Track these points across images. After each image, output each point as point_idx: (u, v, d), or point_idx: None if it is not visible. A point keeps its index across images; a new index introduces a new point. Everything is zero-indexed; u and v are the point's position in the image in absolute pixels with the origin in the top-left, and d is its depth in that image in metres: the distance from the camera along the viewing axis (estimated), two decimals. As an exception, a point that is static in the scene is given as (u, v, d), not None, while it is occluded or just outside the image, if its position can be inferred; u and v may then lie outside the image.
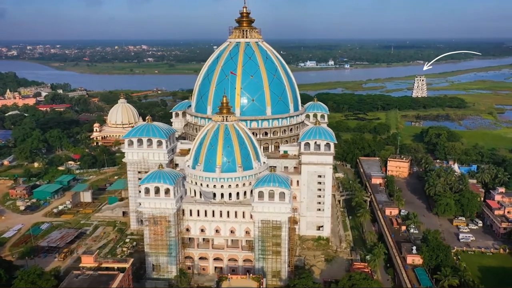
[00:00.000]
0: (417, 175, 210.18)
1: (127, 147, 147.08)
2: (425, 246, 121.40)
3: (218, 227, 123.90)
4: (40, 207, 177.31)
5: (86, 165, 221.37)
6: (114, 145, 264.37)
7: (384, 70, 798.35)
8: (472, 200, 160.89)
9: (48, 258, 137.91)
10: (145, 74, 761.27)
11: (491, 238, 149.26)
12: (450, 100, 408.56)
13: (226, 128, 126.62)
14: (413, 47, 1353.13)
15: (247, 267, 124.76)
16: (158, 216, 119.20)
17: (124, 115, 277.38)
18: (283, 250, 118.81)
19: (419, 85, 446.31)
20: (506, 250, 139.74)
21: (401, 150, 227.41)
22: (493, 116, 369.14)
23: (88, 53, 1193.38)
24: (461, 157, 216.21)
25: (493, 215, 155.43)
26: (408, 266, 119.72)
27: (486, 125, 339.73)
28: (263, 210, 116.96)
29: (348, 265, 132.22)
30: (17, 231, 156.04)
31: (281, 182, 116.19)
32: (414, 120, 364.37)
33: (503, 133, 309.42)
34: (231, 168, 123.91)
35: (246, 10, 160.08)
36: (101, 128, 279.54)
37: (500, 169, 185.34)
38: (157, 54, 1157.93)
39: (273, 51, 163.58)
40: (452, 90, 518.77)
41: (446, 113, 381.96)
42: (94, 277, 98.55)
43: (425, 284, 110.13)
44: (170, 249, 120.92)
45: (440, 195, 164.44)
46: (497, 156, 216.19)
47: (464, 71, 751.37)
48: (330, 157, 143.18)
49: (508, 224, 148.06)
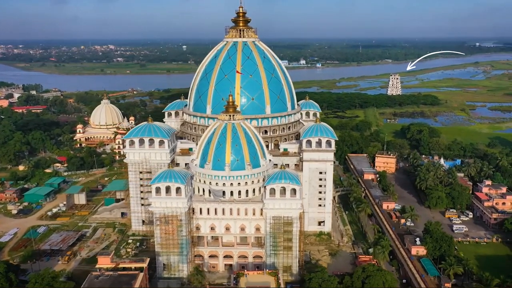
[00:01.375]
0: (403, 170, 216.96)
1: (128, 147, 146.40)
2: (429, 237, 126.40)
3: (228, 225, 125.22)
4: (33, 210, 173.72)
5: (74, 167, 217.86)
6: (98, 146, 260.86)
7: (355, 69, 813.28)
8: (462, 193, 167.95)
9: (51, 261, 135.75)
10: (117, 74, 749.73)
11: (483, 229, 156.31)
12: (424, 98, 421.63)
13: (234, 126, 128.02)
14: (380, 46, 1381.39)
15: (256, 263, 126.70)
16: (170, 216, 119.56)
17: (108, 116, 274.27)
18: (294, 245, 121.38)
19: (394, 83, 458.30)
20: (499, 239, 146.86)
21: (387, 146, 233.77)
22: (465, 112, 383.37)
23: (54, 53, 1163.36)
24: (444, 152, 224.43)
25: (483, 206, 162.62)
26: (413, 257, 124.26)
27: (460, 121, 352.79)
28: (275, 206, 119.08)
29: (352, 259, 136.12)
30: (13, 235, 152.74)
31: (292, 179, 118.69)
32: (392, 117, 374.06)
33: (477, 129, 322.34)
34: (240, 166, 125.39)
35: (242, 10, 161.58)
36: (84, 129, 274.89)
37: (484, 163, 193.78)
38: (126, 54, 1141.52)
39: (269, 50, 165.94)
40: (423, 88, 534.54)
41: (421, 110, 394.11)
42: (115, 278, 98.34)
43: (433, 274, 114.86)
44: (182, 248, 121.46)
45: (432, 189, 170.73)
46: (479, 151, 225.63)
47: (432, 69, 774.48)
48: (331, 154, 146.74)
49: (498, 215, 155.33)
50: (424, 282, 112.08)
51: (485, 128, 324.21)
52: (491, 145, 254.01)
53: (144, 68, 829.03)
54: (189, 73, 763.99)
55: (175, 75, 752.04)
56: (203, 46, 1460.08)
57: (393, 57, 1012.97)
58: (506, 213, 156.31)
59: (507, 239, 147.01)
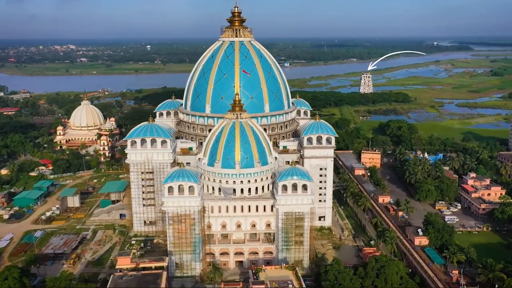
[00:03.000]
0: (388, 166, 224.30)
1: (130, 148, 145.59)
2: (431, 228, 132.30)
3: (239, 222, 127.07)
4: (25, 215, 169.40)
5: (61, 169, 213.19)
6: (80, 148, 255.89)
7: (322, 68, 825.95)
8: (451, 185, 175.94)
9: (56, 265, 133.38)
10: (83, 74, 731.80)
11: (472, 219, 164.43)
12: (395, 95, 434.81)
13: (241, 125, 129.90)
14: (343, 46, 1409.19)
15: (267, 259, 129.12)
16: (183, 215, 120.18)
17: (89, 117, 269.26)
18: (306, 239, 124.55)
19: (366, 81, 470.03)
20: (489, 228, 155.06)
21: (372, 143, 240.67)
22: (435, 109, 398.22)
23: (12, 53, 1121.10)
24: (426, 147, 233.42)
25: (470, 198, 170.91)
26: (417, 247, 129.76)
27: (432, 117, 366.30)
28: (287, 202, 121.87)
29: (356, 251, 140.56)
30: (9, 241, 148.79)
31: (303, 175, 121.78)
32: (366, 115, 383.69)
33: (449, 124, 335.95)
34: (249, 164, 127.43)
35: (237, 10, 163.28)
36: (65, 131, 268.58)
37: (467, 157, 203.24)
38: (89, 54, 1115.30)
39: (264, 49, 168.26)
40: (390, 86, 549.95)
41: (394, 107, 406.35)
42: (139, 277, 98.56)
43: (439, 262, 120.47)
44: (195, 247, 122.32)
45: (421, 182, 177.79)
46: (458, 145, 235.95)
47: (396, 68, 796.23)
48: (331, 150, 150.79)
49: (487, 205, 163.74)
50: (431, 270, 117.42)
51: (456, 124, 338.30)
52: (465, 140, 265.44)
53: (110, 69, 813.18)
54: (157, 73, 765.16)
55: (144, 75, 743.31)
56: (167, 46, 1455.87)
57: (357, 56, 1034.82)
58: (493, 203, 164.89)
59: (497, 227, 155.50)
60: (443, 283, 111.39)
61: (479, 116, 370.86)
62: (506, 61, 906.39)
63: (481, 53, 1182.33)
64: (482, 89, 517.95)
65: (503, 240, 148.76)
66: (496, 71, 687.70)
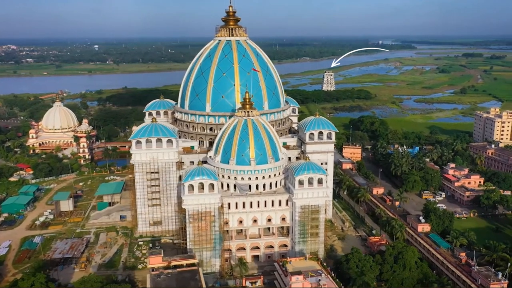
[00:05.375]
0: (367, 159, 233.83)
1: (135, 148, 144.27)
2: (433, 215, 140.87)
3: (255, 217, 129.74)
4: (16, 221, 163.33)
5: (43, 173, 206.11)
6: (55, 151, 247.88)
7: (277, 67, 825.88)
8: (435, 175, 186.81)
9: (66, 269, 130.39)
10: (33, 76, 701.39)
11: (457, 206, 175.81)
12: (357, 93, 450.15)
13: (253, 122, 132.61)
14: (293, 45, 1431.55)
15: (281, 252, 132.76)
16: (203, 212, 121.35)
17: (63, 119, 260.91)
18: (321, 231, 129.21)
19: (328, 79, 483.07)
20: (475, 214, 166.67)
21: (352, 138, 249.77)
22: (396, 105, 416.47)
23: None
24: (401, 141, 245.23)
25: (454, 186, 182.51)
26: (421, 233, 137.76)
27: (395, 113, 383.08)
28: (303, 196, 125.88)
29: (360, 241, 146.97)
30: (8, 248, 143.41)
31: (318, 169, 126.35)
32: (333, 111, 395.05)
33: (413, 119, 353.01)
34: (263, 160, 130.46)
35: (232, 9, 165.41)
36: (37, 134, 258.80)
37: (444, 149, 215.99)
38: (34, 54, 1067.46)
39: (259, 48, 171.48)
40: (348, 83, 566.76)
41: (357, 104, 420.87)
42: (177, 275, 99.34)
43: (445, 246, 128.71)
44: (215, 243, 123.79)
45: (408, 174, 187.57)
46: (431, 138, 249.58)
47: (349, 66, 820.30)
48: (332, 145, 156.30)
49: (470, 193, 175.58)
50: (440, 254, 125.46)
51: (419, 119, 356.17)
52: (433, 133, 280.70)
53: (61, 69, 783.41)
54: (112, 74, 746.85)
55: (98, 75, 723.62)
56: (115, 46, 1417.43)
57: (310, 55, 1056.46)
58: (475, 190, 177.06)
59: (482, 213, 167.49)
60: (453, 265, 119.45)
61: (438, 110, 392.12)
62: (449, 58, 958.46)
63: (424, 52, 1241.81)
64: (434, 85, 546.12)
65: (490, 224, 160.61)
66: (443, 68, 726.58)
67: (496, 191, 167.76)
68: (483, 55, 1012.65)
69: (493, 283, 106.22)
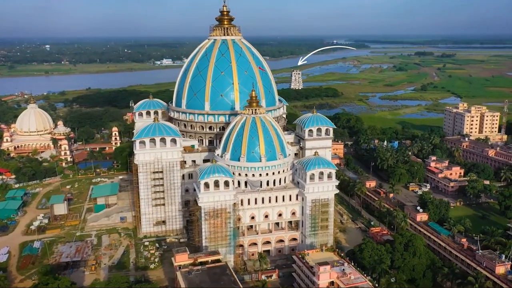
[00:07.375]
0: (350, 155, 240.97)
1: (138, 148, 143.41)
2: (431, 204, 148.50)
3: (267, 213, 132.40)
4: (9, 227, 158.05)
5: (26, 177, 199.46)
6: (32, 154, 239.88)
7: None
8: (419, 168, 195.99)
9: (76, 272, 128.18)
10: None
11: (443, 196, 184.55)
12: (325, 91, 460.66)
13: (261, 120, 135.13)
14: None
15: (291, 245, 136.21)
16: (219, 209, 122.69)
17: (39, 121, 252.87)
18: (330, 224, 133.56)
19: (296, 78, 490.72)
20: (461, 203, 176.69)
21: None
22: (364, 102, 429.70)
23: None
24: (380, 137, 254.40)
25: (438, 178, 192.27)
26: (420, 222, 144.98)
27: (364, 110, 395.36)
28: (314, 190, 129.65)
29: (361, 232, 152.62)
30: (8, 254, 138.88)
31: (328, 164, 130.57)
32: (304, 109, 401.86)
33: (382, 116, 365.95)
34: (272, 157, 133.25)
35: (226, 9, 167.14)
36: (11, 137, 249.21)
37: (423, 143, 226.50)
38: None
39: (253, 47, 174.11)
40: (312, 82, 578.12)
41: (326, 102, 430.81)
42: (207, 271, 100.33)
43: (446, 233, 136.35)
44: (230, 239, 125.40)
45: (394, 167, 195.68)
46: (407, 133, 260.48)
47: (310, 65, 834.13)
48: (330, 141, 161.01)
49: (454, 183, 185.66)
50: (442, 241, 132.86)
51: (388, 115, 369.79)
52: (405, 129, 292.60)
53: (14, 70, 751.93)
54: (70, 75, 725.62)
55: (55, 76, 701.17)
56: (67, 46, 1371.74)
57: (269, 54, 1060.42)
58: (458, 181, 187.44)
59: (467, 202, 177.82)
60: (457, 251, 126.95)
61: (404, 107, 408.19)
62: (403, 57, 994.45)
63: (378, 50, 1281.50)
64: (395, 83, 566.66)
65: (476, 212, 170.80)
66: (400, 66, 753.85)
67: (480, 181, 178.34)
68: (434, 53, 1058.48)
69: (498, 265, 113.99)
